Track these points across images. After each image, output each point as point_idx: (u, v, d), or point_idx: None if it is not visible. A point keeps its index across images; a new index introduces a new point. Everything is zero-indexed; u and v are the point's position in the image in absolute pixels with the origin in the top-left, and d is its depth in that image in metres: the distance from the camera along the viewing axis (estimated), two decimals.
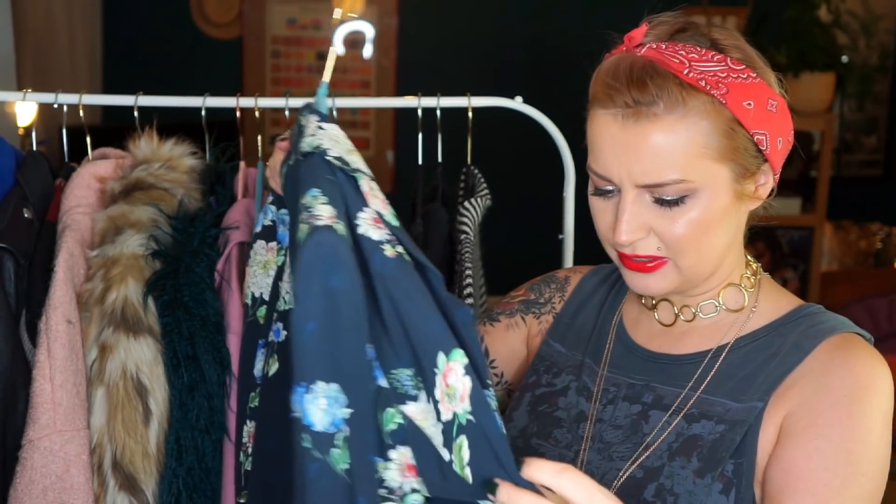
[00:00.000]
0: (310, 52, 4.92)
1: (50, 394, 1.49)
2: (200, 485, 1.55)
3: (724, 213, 1.17)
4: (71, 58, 4.29)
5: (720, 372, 1.22)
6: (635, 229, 1.16)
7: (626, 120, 1.13)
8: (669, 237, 1.16)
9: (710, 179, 1.14)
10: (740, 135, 1.14)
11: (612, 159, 1.15)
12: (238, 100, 1.80)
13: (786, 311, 1.24)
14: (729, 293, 1.26)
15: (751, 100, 1.15)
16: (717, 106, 1.12)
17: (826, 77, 4.04)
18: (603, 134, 1.16)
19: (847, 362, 1.14)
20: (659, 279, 1.20)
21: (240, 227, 1.64)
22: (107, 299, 1.55)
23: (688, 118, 1.12)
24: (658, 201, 1.15)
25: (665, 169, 1.12)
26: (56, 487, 1.48)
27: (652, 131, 1.12)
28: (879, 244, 4.76)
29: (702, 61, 1.14)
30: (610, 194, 1.18)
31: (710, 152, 1.13)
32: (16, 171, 1.68)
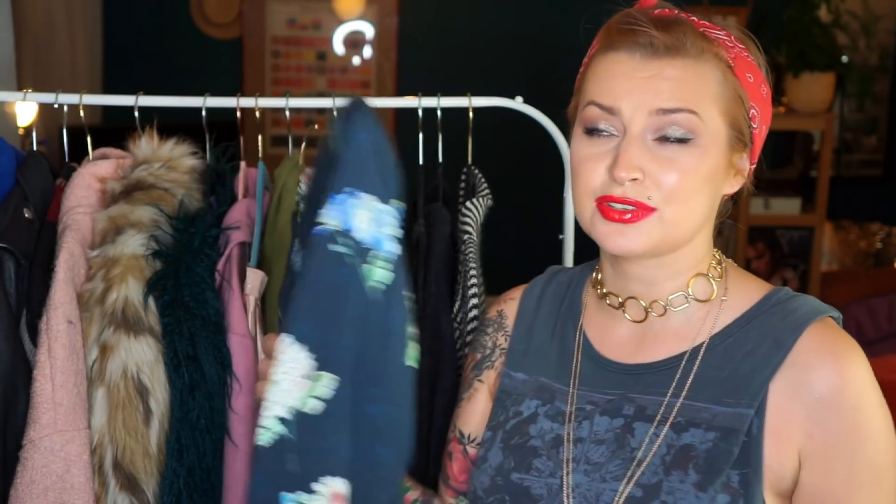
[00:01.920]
0: (310, 52, 4.92)
1: (51, 394, 1.49)
2: (201, 485, 1.55)
3: (714, 174, 1.16)
4: (71, 58, 4.29)
5: (699, 375, 1.19)
6: (636, 167, 1.13)
7: (645, 56, 1.14)
8: (664, 183, 1.13)
9: (713, 131, 1.15)
10: (743, 102, 1.17)
11: (625, 90, 1.14)
12: (238, 100, 1.80)
13: (756, 299, 1.22)
14: (698, 283, 1.23)
15: (751, 74, 1.18)
16: (728, 67, 1.16)
17: (826, 77, 4.05)
18: (617, 70, 1.15)
19: (832, 360, 1.14)
20: (638, 234, 1.15)
21: (240, 227, 1.64)
22: (107, 299, 1.55)
23: (705, 64, 1.15)
24: (661, 140, 1.14)
25: (681, 97, 1.13)
26: (57, 487, 1.48)
27: (671, 66, 1.14)
28: (879, 244, 4.76)
29: (713, 28, 1.18)
30: (601, 136, 1.16)
31: (720, 102, 1.15)
32: (16, 171, 1.68)
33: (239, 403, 1.56)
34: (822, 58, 3.98)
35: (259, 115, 1.79)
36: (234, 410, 1.56)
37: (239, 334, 1.58)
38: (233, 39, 4.89)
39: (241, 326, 1.58)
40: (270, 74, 4.91)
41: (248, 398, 1.57)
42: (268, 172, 1.75)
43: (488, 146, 2.15)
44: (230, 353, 1.57)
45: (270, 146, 4.67)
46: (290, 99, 1.80)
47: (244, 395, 1.57)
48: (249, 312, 1.60)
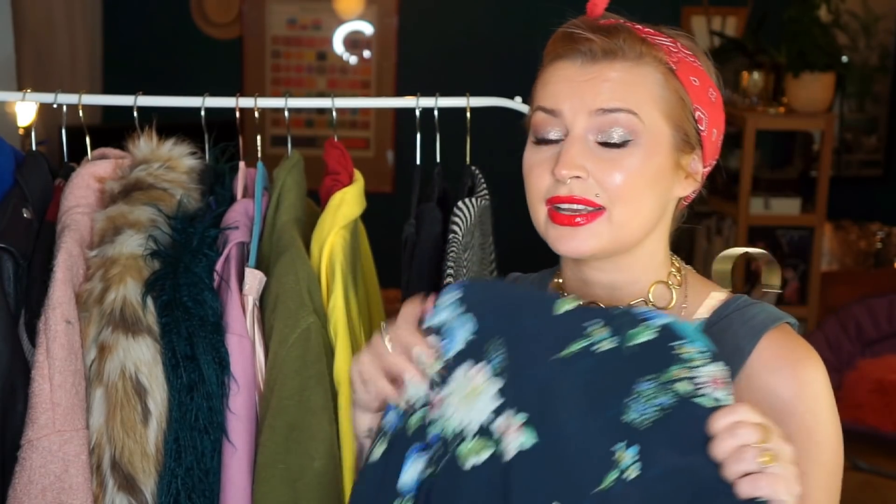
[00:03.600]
0: (310, 52, 4.92)
1: (49, 394, 1.49)
2: (199, 485, 1.55)
3: (661, 175, 1.17)
4: (71, 58, 4.29)
5: None
6: (578, 165, 1.15)
7: (585, 61, 1.17)
8: (608, 182, 1.15)
9: (655, 131, 1.16)
10: (686, 104, 1.19)
11: (565, 93, 1.17)
12: (238, 100, 1.80)
13: (714, 307, 1.23)
14: (658, 291, 1.24)
15: (696, 77, 1.20)
16: (670, 70, 1.18)
17: (826, 77, 4.04)
18: (559, 75, 1.18)
19: (791, 367, 1.16)
20: (588, 236, 1.16)
21: (239, 227, 1.64)
22: (106, 299, 1.55)
23: (644, 67, 1.17)
24: (602, 144, 1.15)
25: (620, 97, 1.15)
26: (55, 487, 1.48)
27: (610, 69, 1.16)
28: (879, 244, 4.76)
29: (657, 35, 1.21)
30: (548, 144, 1.18)
31: (660, 105, 1.17)
32: (15, 171, 1.68)
33: (237, 404, 1.56)
34: (822, 58, 3.98)
35: (258, 115, 1.79)
36: (232, 411, 1.56)
37: (237, 334, 1.58)
38: (233, 39, 4.89)
39: (239, 326, 1.58)
40: (270, 74, 4.91)
41: (246, 399, 1.57)
42: (267, 172, 1.75)
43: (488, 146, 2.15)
44: (228, 354, 1.57)
45: (270, 146, 4.67)
46: (289, 99, 1.80)
47: (242, 395, 1.57)
48: (248, 312, 1.60)
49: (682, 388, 1.06)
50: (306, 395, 1.55)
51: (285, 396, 1.54)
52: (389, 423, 1.15)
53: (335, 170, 1.74)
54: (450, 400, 1.13)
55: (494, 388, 1.12)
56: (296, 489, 1.53)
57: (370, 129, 4.94)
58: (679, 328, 1.09)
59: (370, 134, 4.95)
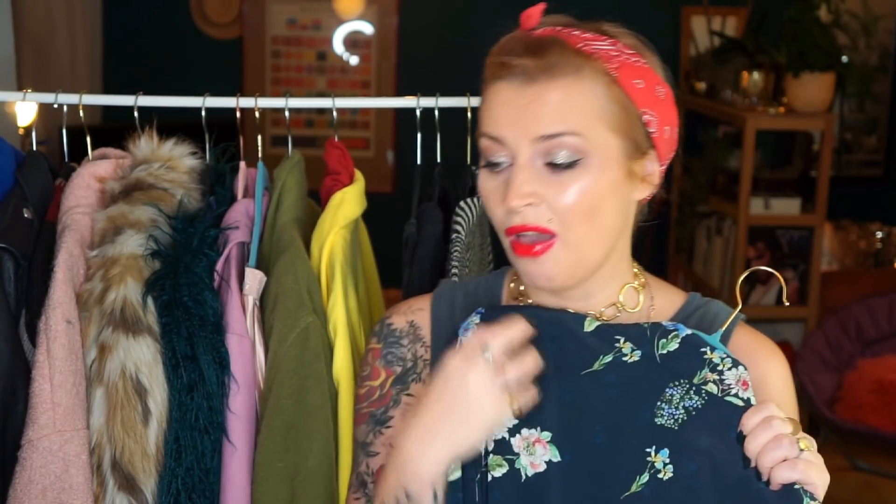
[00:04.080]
0: (310, 52, 4.92)
1: (49, 394, 1.49)
2: (199, 485, 1.55)
3: (615, 188, 1.16)
4: (71, 58, 4.29)
5: None
6: (527, 194, 1.13)
7: (523, 83, 1.14)
8: (560, 206, 1.13)
9: (603, 147, 1.14)
10: (631, 111, 1.16)
11: (506, 119, 1.14)
12: (238, 100, 1.80)
13: (678, 305, 1.26)
14: (627, 293, 1.24)
15: (641, 79, 1.17)
16: (611, 79, 1.15)
17: (826, 77, 4.04)
18: (498, 99, 1.16)
19: (761, 364, 1.20)
20: (551, 264, 1.15)
21: (239, 227, 1.64)
22: (106, 299, 1.55)
23: (583, 82, 1.14)
24: (550, 166, 1.13)
25: (561, 122, 1.13)
26: (55, 487, 1.48)
27: (549, 90, 1.13)
28: (879, 244, 4.76)
29: (595, 40, 1.17)
30: (500, 167, 1.16)
31: (604, 119, 1.14)
32: (16, 171, 1.68)
33: (237, 403, 1.56)
34: (822, 58, 3.98)
35: (259, 115, 1.79)
36: (233, 410, 1.56)
37: (237, 334, 1.58)
38: (233, 39, 4.89)
39: (239, 326, 1.58)
40: (270, 74, 4.91)
41: (246, 398, 1.57)
42: (267, 172, 1.75)
43: None
44: (229, 354, 1.57)
45: (270, 146, 4.67)
46: (289, 99, 1.80)
47: (242, 395, 1.57)
48: (248, 312, 1.60)
49: (712, 389, 1.11)
50: (304, 395, 1.55)
51: (283, 396, 1.54)
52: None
53: (336, 170, 1.74)
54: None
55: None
56: (293, 488, 1.53)
57: (370, 129, 4.94)
58: (706, 338, 1.14)
59: (370, 134, 4.95)
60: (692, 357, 1.13)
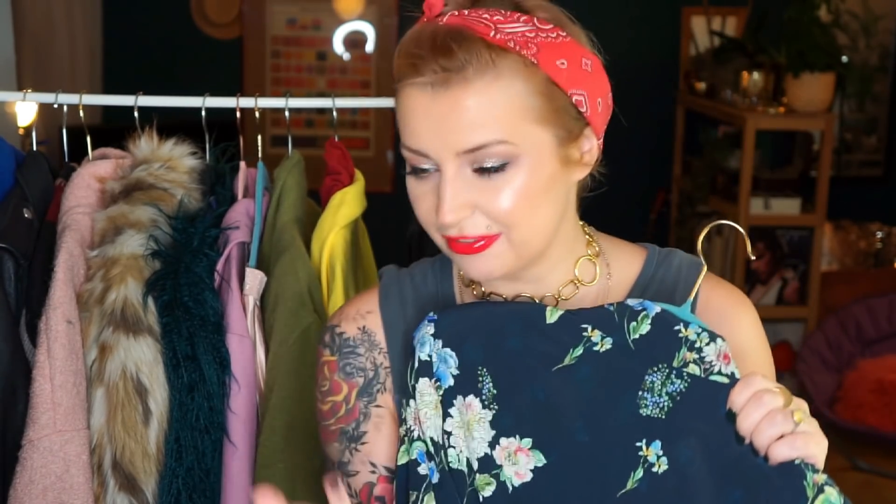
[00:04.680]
0: (310, 52, 4.92)
1: (50, 394, 1.49)
2: (200, 485, 1.55)
3: (551, 181, 1.10)
4: (71, 58, 4.29)
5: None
6: (459, 207, 1.08)
7: (437, 88, 1.06)
8: (496, 211, 1.07)
9: (533, 144, 1.07)
10: (558, 96, 1.09)
11: (426, 132, 1.08)
12: (238, 100, 1.80)
13: (638, 266, 1.21)
14: (583, 267, 1.19)
15: (563, 59, 1.09)
16: (530, 66, 1.07)
17: (826, 77, 4.04)
18: (413, 108, 1.08)
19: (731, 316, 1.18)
20: (492, 259, 1.10)
21: (239, 227, 1.64)
22: (106, 299, 1.55)
23: (501, 80, 1.06)
24: (479, 171, 1.07)
25: (483, 131, 1.05)
26: (56, 487, 1.48)
27: (465, 96, 1.05)
28: (879, 244, 4.76)
29: (507, 23, 1.08)
30: (426, 174, 1.10)
31: (529, 114, 1.07)
32: (16, 170, 1.68)
33: (238, 403, 1.56)
34: (822, 58, 3.98)
35: (259, 115, 1.79)
36: (233, 411, 1.56)
37: (238, 334, 1.58)
38: (233, 39, 4.89)
39: (240, 326, 1.58)
40: (270, 74, 4.91)
41: (246, 398, 1.57)
42: (267, 172, 1.75)
43: None
44: (229, 354, 1.57)
45: (270, 146, 4.67)
46: (289, 99, 1.80)
47: (243, 395, 1.57)
48: (248, 312, 1.60)
49: (694, 370, 1.07)
50: (306, 395, 1.55)
51: (285, 396, 1.54)
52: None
53: (336, 170, 1.74)
54: (456, 434, 1.12)
55: (486, 421, 1.11)
56: (295, 488, 1.53)
57: (370, 129, 4.94)
58: (676, 312, 1.09)
59: (370, 134, 4.95)
60: (667, 338, 1.08)
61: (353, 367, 1.23)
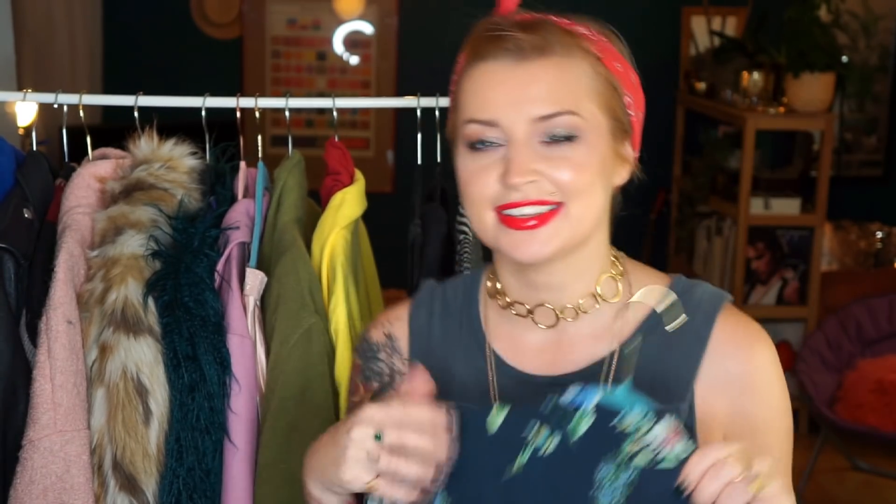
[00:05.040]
0: (310, 52, 4.92)
1: (50, 394, 1.49)
2: (200, 485, 1.55)
3: (604, 166, 1.16)
4: (71, 58, 4.29)
5: (622, 379, 1.17)
6: (530, 170, 1.12)
7: (517, 61, 1.13)
8: (561, 180, 1.13)
9: (594, 124, 1.15)
10: (618, 90, 1.18)
11: (502, 101, 1.13)
12: (238, 100, 1.80)
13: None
14: (606, 284, 1.22)
15: (619, 63, 1.19)
16: (597, 59, 1.16)
17: (826, 77, 4.04)
18: (490, 80, 1.15)
19: (746, 349, 1.18)
20: (548, 237, 1.13)
21: (240, 227, 1.64)
22: (107, 299, 1.55)
23: (575, 59, 1.14)
24: (547, 142, 1.13)
25: (558, 101, 1.12)
26: (56, 488, 1.49)
27: (544, 68, 1.13)
28: (879, 244, 4.76)
29: (575, 24, 1.19)
30: (489, 147, 1.14)
31: (595, 97, 1.15)
32: (16, 171, 1.68)
33: (238, 404, 1.56)
34: (822, 58, 3.98)
35: (259, 115, 1.79)
36: (234, 411, 1.56)
37: (238, 335, 1.58)
38: (233, 39, 4.89)
39: (240, 327, 1.58)
40: (270, 74, 4.91)
41: (247, 399, 1.57)
42: (267, 172, 1.75)
43: None
44: (230, 354, 1.57)
45: (270, 146, 4.67)
46: (290, 99, 1.80)
47: (243, 395, 1.57)
48: (249, 313, 1.60)
49: (641, 461, 1.04)
50: (308, 396, 1.55)
51: (287, 397, 1.54)
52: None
53: (336, 170, 1.74)
54: None
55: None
56: (297, 490, 1.53)
57: (370, 129, 4.94)
58: (612, 401, 1.07)
59: (370, 134, 4.95)
60: (607, 436, 1.06)
61: (372, 371, 1.28)
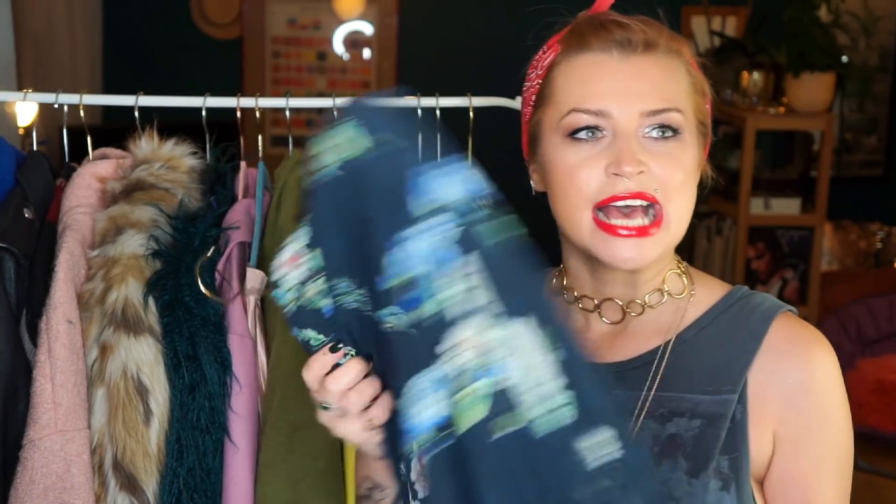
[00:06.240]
0: (310, 52, 4.92)
1: (50, 394, 1.49)
2: (201, 485, 1.55)
3: (696, 167, 1.18)
4: (71, 58, 4.29)
5: (676, 367, 1.20)
6: (640, 161, 1.12)
7: (624, 54, 1.14)
8: (666, 177, 1.14)
9: (693, 126, 1.17)
10: (704, 97, 1.20)
11: (612, 93, 1.14)
12: (238, 100, 1.80)
13: (720, 295, 1.24)
14: (672, 279, 1.24)
15: (699, 74, 1.22)
16: (689, 63, 1.20)
17: (826, 77, 4.04)
18: (597, 70, 1.15)
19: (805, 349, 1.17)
20: (652, 246, 1.14)
21: (240, 227, 1.64)
22: (107, 299, 1.55)
23: (678, 61, 1.18)
24: (654, 137, 1.14)
25: (667, 97, 1.15)
26: (57, 487, 1.49)
27: (652, 64, 1.15)
28: (879, 244, 4.76)
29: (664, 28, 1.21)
30: (594, 138, 1.14)
31: (689, 98, 1.18)
32: (16, 171, 1.68)
33: (239, 403, 1.56)
34: (822, 58, 3.98)
35: (259, 115, 1.79)
36: (234, 411, 1.56)
37: (239, 334, 1.58)
38: (233, 39, 4.89)
39: (241, 326, 1.58)
40: (270, 74, 4.91)
41: (247, 398, 1.57)
42: (268, 172, 1.75)
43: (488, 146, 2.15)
44: (230, 354, 1.57)
45: (270, 146, 4.67)
46: (290, 99, 1.80)
47: (244, 395, 1.57)
48: (249, 312, 1.60)
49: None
50: (309, 395, 1.54)
51: (288, 396, 1.54)
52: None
53: None
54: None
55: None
56: (299, 490, 1.53)
57: None
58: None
59: None
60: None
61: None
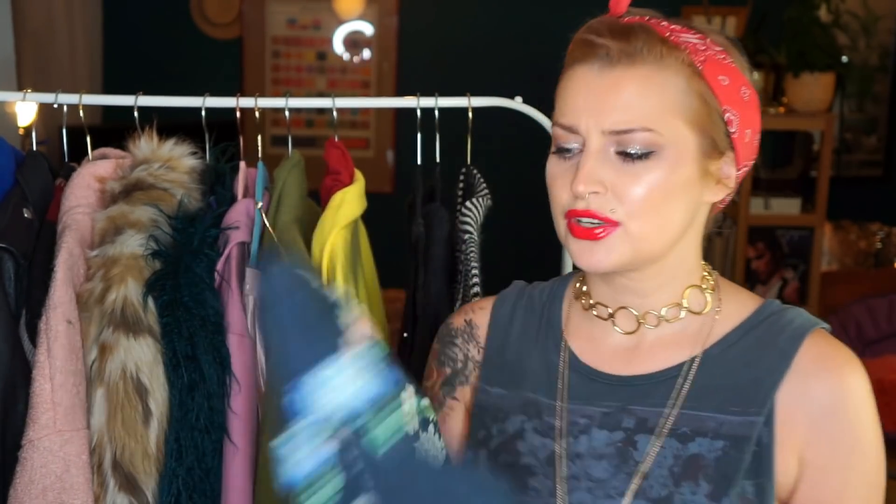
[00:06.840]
0: (310, 52, 4.92)
1: (50, 394, 1.49)
2: (200, 485, 1.55)
3: (687, 185, 1.13)
4: (71, 58, 4.29)
5: (702, 384, 1.17)
6: (595, 181, 1.11)
7: (604, 67, 1.12)
8: (628, 197, 1.11)
9: (678, 141, 1.12)
10: (712, 107, 1.13)
11: (581, 108, 1.13)
12: (238, 100, 1.80)
13: (750, 310, 1.21)
14: (693, 295, 1.21)
15: (726, 77, 1.14)
16: (695, 71, 1.13)
17: (826, 77, 4.04)
18: (577, 86, 1.14)
19: (836, 371, 1.14)
20: (607, 251, 1.13)
21: (240, 227, 1.64)
22: (106, 299, 1.55)
23: (664, 72, 1.12)
24: (622, 155, 1.11)
25: (635, 116, 1.10)
26: (56, 487, 1.49)
27: (627, 77, 1.11)
28: (879, 244, 4.76)
29: (683, 32, 1.15)
30: (570, 154, 1.14)
31: (681, 112, 1.12)
32: (16, 170, 1.68)
33: (238, 403, 1.56)
34: (822, 58, 3.98)
35: (259, 115, 1.79)
36: (233, 410, 1.56)
37: (238, 334, 1.58)
38: (233, 39, 4.89)
39: (240, 326, 1.58)
40: (270, 74, 4.91)
41: (247, 398, 1.58)
42: (267, 172, 1.75)
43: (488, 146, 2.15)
44: (229, 354, 1.57)
45: (270, 146, 4.67)
46: (289, 99, 1.80)
47: (243, 395, 1.57)
48: (249, 312, 1.60)
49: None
50: None
51: None
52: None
53: (336, 169, 1.74)
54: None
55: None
56: None
57: (370, 129, 4.94)
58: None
59: (370, 134, 4.95)
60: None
61: (447, 356, 1.31)
